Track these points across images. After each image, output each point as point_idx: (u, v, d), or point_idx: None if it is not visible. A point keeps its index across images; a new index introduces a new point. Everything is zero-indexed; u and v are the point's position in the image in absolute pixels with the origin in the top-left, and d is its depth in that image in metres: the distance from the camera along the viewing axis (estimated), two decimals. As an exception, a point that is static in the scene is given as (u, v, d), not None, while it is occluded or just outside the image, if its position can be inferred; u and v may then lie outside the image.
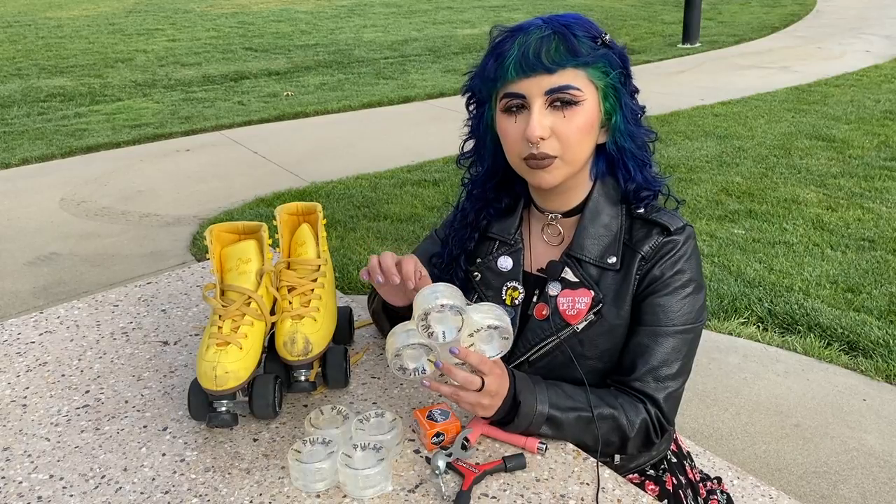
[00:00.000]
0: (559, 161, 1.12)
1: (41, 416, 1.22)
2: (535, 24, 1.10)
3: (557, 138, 1.10)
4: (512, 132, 1.12)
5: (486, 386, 1.03)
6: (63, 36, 11.65)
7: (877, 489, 2.14)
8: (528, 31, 1.09)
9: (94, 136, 6.25)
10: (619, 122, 1.14)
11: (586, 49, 1.08)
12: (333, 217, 4.23)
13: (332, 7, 14.27)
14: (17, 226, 4.36)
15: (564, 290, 1.18)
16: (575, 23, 1.10)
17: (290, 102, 7.31)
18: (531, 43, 1.07)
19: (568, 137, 1.10)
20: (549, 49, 1.07)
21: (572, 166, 1.13)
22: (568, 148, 1.11)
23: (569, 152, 1.11)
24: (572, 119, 1.09)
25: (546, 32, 1.08)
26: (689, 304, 1.16)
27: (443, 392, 1.05)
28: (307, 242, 1.28)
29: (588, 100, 1.10)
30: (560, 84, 1.07)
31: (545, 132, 1.09)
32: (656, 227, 1.16)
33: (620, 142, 1.16)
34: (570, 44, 1.07)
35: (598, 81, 1.11)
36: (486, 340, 1.04)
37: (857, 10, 12.55)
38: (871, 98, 6.70)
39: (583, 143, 1.12)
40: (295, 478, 1.04)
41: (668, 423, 1.16)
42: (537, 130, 1.08)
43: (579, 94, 1.08)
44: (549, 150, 1.10)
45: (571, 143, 1.10)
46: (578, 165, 1.14)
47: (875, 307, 3.10)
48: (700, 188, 4.55)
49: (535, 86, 1.08)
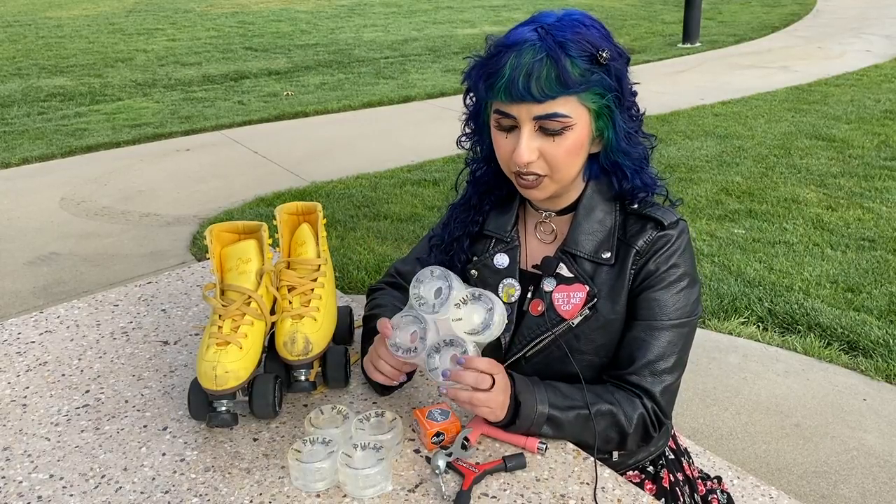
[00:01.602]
0: (548, 179, 1.13)
1: (41, 416, 1.22)
2: (529, 42, 1.05)
3: (545, 160, 1.11)
4: (503, 147, 1.13)
5: (496, 383, 1.06)
6: (63, 36, 11.65)
7: (877, 489, 2.14)
8: (522, 51, 1.05)
9: (94, 135, 6.25)
10: (612, 139, 1.14)
11: (578, 74, 1.05)
12: (333, 217, 4.23)
13: (332, 7, 14.26)
14: (17, 226, 4.36)
15: (559, 286, 1.18)
16: (572, 39, 1.05)
17: (290, 102, 7.31)
18: (523, 67, 1.04)
19: (556, 159, 1.10)
20: (540, 78, 1.04)
21: (561, 183, 1.15)
22: (556, 169, 1.12)
23: (557, 173, 1.12)
24: (561, 143, 1.09)
25: (539, 56, 1.04)
26: (683, 297, 1.16)
27: (460, 399, 1.06)
28: (307, 242, 1.28)
29: (578, 123, 1.09)
30: (548, 112, 1.07)
31: (533, 155, 1.10)
32: (650, 222, 1.17)
33: (613, 157, 1.16)
34: (562, 73, 1.04)
35: (591, 104, 1.09)
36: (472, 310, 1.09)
37: (857, 10, 12.54)
38: (871, 98, 6.70)
39: (572, 163, 1.12)
40: (295, 477, 1.04)
41: (665, 416, 1.16)
42: (524, 156, 1.09)
43: (568, 121, 1.08)
44: (537, 170, 1.11)
45: (560, 165, 1.11)
46: (568, 181, 1.15)
47: (875, 307, 3.10)
48: (700, 188, 4.55)
49: (525, 111, 1.08)
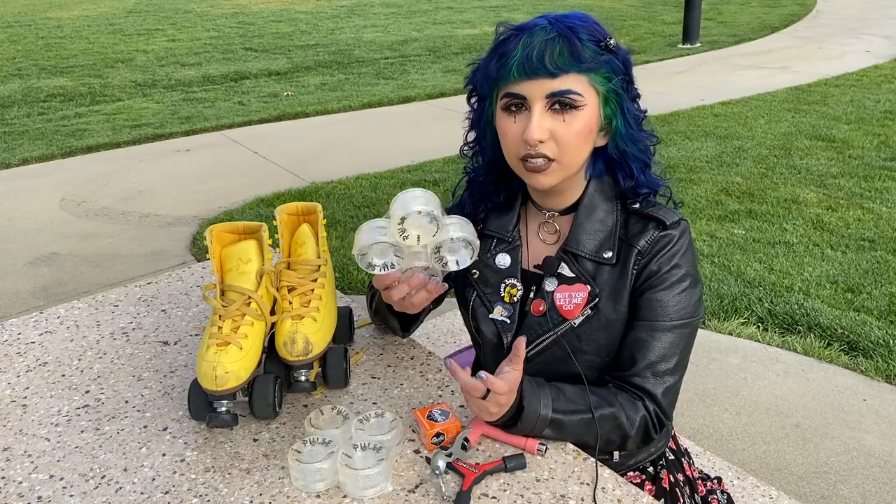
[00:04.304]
0: (556, 164, 1.12)
1: (41, 416, 1.22)
2: (540, 25, 1.09)
3: (556, 141, 1.10)
4: (511, 131, 1.12)
5: (490, 397, 1.05)
6: (63, 36, 11.65)
7: (877, 489, 2.14)
8: (533, 32, 1.08)
9: (94, 136, 6.25)
10: (621, 126, 1.14)
11: (590, 54, 1.08)
12: (333, 217, 4.23)
13: (332, 7, 14.27)
14: (18, 226, 4.36)
15: (561, 286, 1.18)
16: (581, 25, 1.09)
17: (290, 102, 7.31)
18: (535, 45, 1.07)
19: (567, 141, 1.10)
20: (553, 53, 1.06)
21: (569, 170, 1.14)
22: (566, 152, 1.11)
23: (566, 156, 1.12)
24: (572, 123, 1.09)
25: (551, 35, 1.07)
26: (685, 298, 1.16)
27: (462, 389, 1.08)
28: (307, 242, 1.28)
29: (588, 105, 1.10)
30: (562, 88, 1.07)
31: (544, 135, 1.09)
32: (652, 222, 1.17)
33: (622, 146, 1.16)
34: (575, 48, 1.07)
35: (599, 87, 1.10)
36: (453, 251, 1.09)
37: (857, 10, 12.55)
38: (871, 98, 6.70)
39: (581, 147, 1.12)
40: (295, 478, 1.04)
41: (666, 418, 1.16)
42: (536, 133, 1.08)
43: (580, 99, 1.08)
44: (547, 152, 1.11)
45: (570, 147, 1.11)
46: (574, 169, 1.15)
47: (875, 307, 3.10)
48: (700, 188, 4.55)
49: (537, 88, 1.08)
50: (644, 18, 12.25)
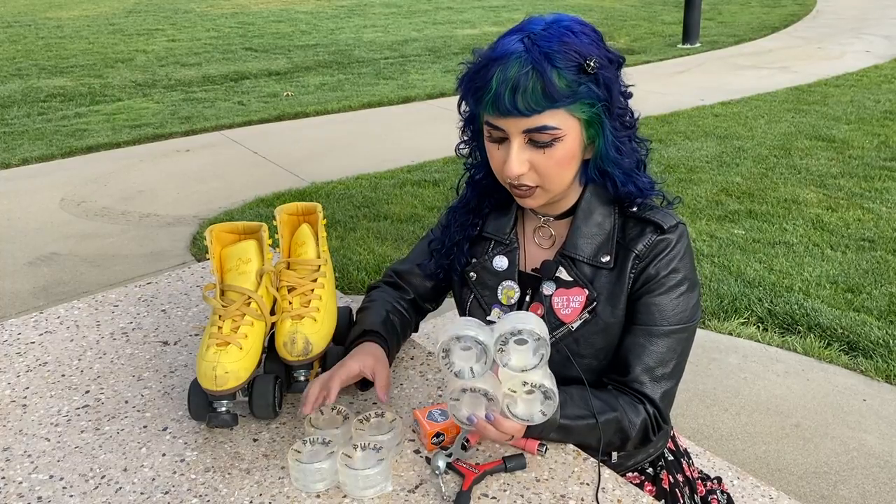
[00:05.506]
0: (540, 189, 1.13)
1: (41, 416, 1.22)
2: (515, 53, 1.03)
3: (536, 172, 1.10)
4: (495, 157, 1.13)
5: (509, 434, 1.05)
6: (63, 36, 11.65)
7: (877, 489, 2.14)
8: (507, 63, 1.03)
9: (94, 136, 6.25)
10: (602, 148, 1.12)
11: (565, 86, 1.03)
12: (333, 217, 4.23)
13: (332, 7, 14.27)
14: (18, 226, 4.36)
15: (559, 290, 1.18)
16: (559, 49, 1.03)
17: (290, 102, 7.31)
18: (509, 80, 1.03)
19: (546, 171, 1.10)
20: (527, 91, 1.02)
21: (553, 192, 1.14)
22: (548, 180, 1.11)
23: (549, 183, 1.12)
24: (552, 155, 1.08)
25: (525, 69, 1.02)
26: (683, 302, 1.16)
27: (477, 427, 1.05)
28: (307, 242, 1.28)
29: (568, 134, 1.08)
30: (537, 125, 1.05)
31: (523, 167, 1.09)
32: (650, 226, 1.16)
33: (602, 166, 1.14)
34: (548, 85, 1.02)
35: (580, 115, 1.08)
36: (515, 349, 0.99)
37: (857, 10, 12.55)
38: (871, 98, 6.70)
39: (563, 173, 1.12)
40: (295, 478, 1.04)
41: (664, 421, 1.16)
42: (515, 169, 1.09)
43: (558, 132, 1.06)
44: (528, 182, 1.11)
45: (551, 176, 1.11)
46: (560, 189, 1.15)
47: (875, 307, 3.10)
48: (700, 188, 4.55)
49: (513, 124, 1.07)
50: (644, 18, 12.25)
